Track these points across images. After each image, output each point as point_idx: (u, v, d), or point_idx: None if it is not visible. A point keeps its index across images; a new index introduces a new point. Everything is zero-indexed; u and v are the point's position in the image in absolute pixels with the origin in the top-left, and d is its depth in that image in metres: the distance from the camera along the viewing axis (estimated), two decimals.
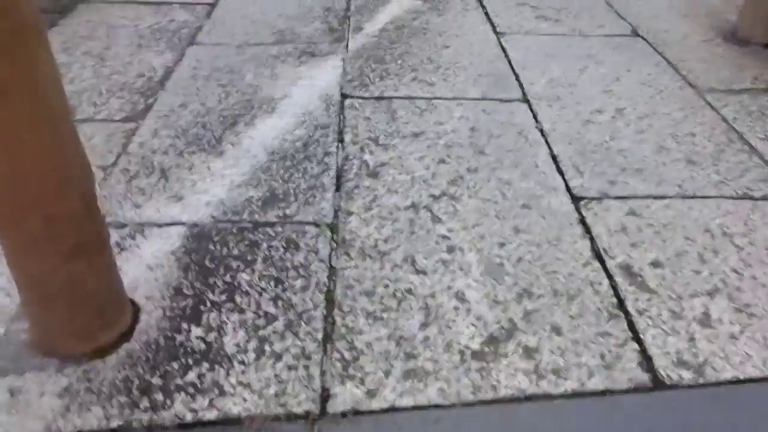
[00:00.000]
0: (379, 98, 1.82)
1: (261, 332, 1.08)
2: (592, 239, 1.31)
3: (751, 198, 1.45)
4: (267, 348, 1.05)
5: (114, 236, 1.28)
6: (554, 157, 1.57)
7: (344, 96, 1.83)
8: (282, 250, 1.25)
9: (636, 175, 1.51)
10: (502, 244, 1.29)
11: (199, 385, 0.99)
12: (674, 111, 1.80)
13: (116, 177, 1.47)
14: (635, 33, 2.31)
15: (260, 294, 1.15)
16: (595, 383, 1.02)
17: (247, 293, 1.16)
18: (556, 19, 2.41)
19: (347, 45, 2.16)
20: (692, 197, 1.44)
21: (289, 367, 1.02)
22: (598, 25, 2.37)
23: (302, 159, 1.54)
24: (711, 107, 1.82)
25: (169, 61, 2.03)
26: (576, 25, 2.36)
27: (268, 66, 2.00)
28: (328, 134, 1.64)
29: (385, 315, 1.12)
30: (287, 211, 1.36)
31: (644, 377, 1.03)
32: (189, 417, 0.95)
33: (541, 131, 1.68)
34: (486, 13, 2.46)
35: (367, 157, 1.55)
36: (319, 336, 1.08)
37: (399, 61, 2.04)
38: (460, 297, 1.16)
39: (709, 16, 2.47)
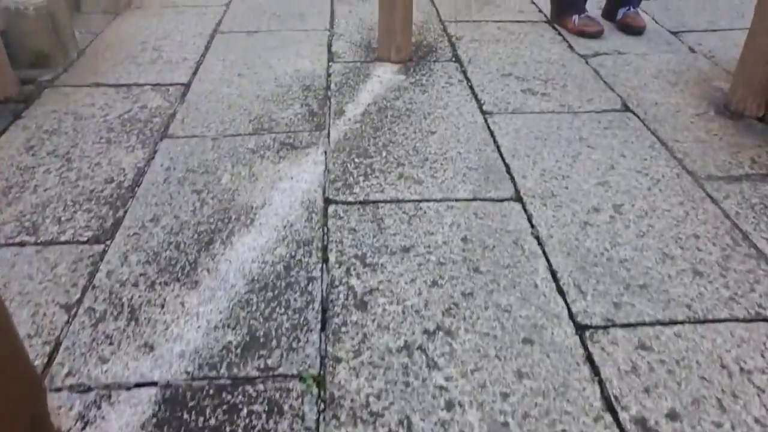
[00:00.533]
0: (365, 203, 1.71)
1: None
2: (601, 382, 1.21)
3: (765, 320, 1.36)
4: None
5: (77, 405, 1.15)
6: (554, 274, 1.47)
7: (327, 201, 1.73)
8: (264, 416, 1.14)
9: (641, 294, 1.42)
10: (505, 395, 1.18)
11: None
12: (674, 206, 1.71)
13: (81, 320, 1.34)
14: (625, 106, 2.24)
15: None
16: None
17: None
18: (543, 92, 2.34)
19: (329, 133, 2.06)
20: (703, 321, 1.35)
21: None
22: (587, 98, 2.29)
23: (284, 287, 1.43)
24: (711, 200, 1.74)
25: (140, 160, 1.92)
26: (564, 99, 2.28)
27: (245, 164, 1.89)
28: (311, 252, 1.53)
29: None
30: (269, 361, 1.24)
31: None
32: None
33: (538, 239, 1.59)
34: (471, 87, 2.38)
35: (354, 281, 1.44)
36: None
37: (384, 153, 1.94)
38: None
39: (698, 84, 2.41)
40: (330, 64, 2.57)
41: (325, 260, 1.51)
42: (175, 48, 2.73)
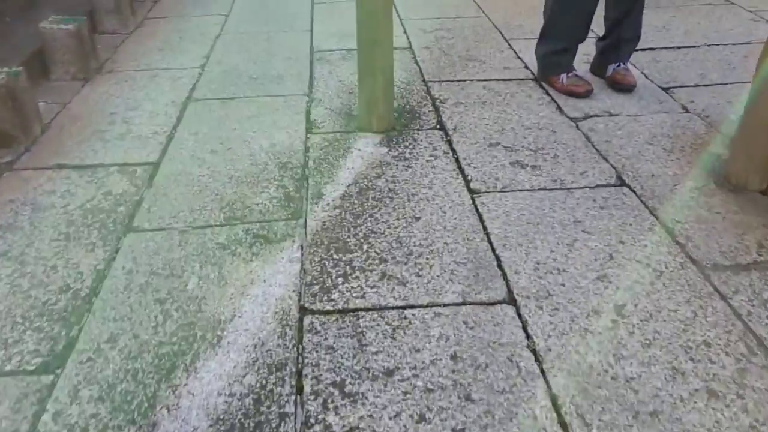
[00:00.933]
0: (344, 311, 1.57)
1: None
2: None
3: None
4: None
5: None
6: (554, 399, 1.33)
7: (303, 310, 1.58)
8: None
9: (652, 424, 1.27)
10: None
11: None
12: (681, 305, 1.58)
13: None
14: (620, 180, 2.12)
15: None
16: None
17: None
18: (533, 164, 2.21)
19: (305, 223, 1.91)
20: None
21: None
22: (580, 171, 2.17)
23: (253, 429, 1.27)
24: (720, 295, 1.61)
25: (100, 261, 1.77)
26: (556, 172, 2.16)
27: (215, 263, 1.75)
28: (285, 379, 1.38)
29: None
30: None
31: None
32: None
33: (535, 353, 1.44)
34: (456, 160, 2.25)
35: (331, 418, 1.29)
36: None
37: (365, 246, 1.80)
38: None
39: (695, 150, 2.30)
40: (308, 136, 2.44)
41: (300, 390, 1.36)
42: (145, 119, 2.60)
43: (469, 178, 2.14)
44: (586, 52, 3.03)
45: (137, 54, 3.32)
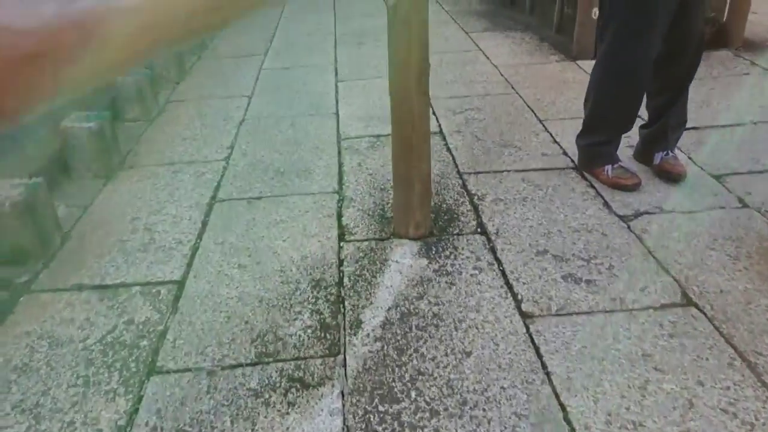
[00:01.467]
0: None
1: None
2: None
3: None
4: None
5: None
6: None
7: None
8: None
9: None
10: None
11: None
12: None
13: None
14: (686, 297, 1.93)
15: None
16: None
17: None
18: (587, 278, 2.03)
19: (345, 361, 1.74)
20: None
21: None
22: (639, 286, 1.98)
23: None
24: None
25: (122, 415, 1.61)
26: (614, 289, 1.98)
27: (247, 417, 1.57)
28: None
29: None
30: None
31: None
32: None
33: None
34: (503, 272, 2.08)
35: None
36: None
37: (412, 393, 1.62)
38: None
39: (762, 257, 2.10)
40: (341, 244, 2.29)
41: None
42: (168, 226, 2.47)
43: (519, 297, 1.97)
44: (628, 134, 2.88)
45: (160, 145, 3.23)
